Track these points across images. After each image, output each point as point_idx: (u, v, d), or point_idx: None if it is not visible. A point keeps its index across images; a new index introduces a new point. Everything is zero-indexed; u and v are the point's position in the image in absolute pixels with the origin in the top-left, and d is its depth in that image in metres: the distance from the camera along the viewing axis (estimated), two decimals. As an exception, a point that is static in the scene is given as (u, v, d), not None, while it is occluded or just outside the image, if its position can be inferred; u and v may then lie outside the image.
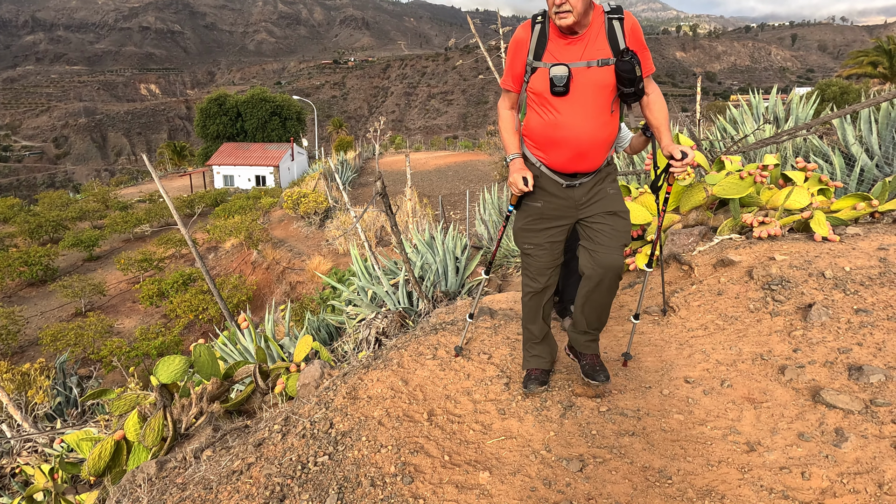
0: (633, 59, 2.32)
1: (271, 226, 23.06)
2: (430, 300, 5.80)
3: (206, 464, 2.56)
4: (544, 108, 2.44)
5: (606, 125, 2.43)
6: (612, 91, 2.39)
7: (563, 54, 2.38)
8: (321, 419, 2.50)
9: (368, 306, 6.16)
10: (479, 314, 3.99)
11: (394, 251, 12.39)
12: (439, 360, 2.99)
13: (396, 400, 2.57)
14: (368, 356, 3.41)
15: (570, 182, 2.51)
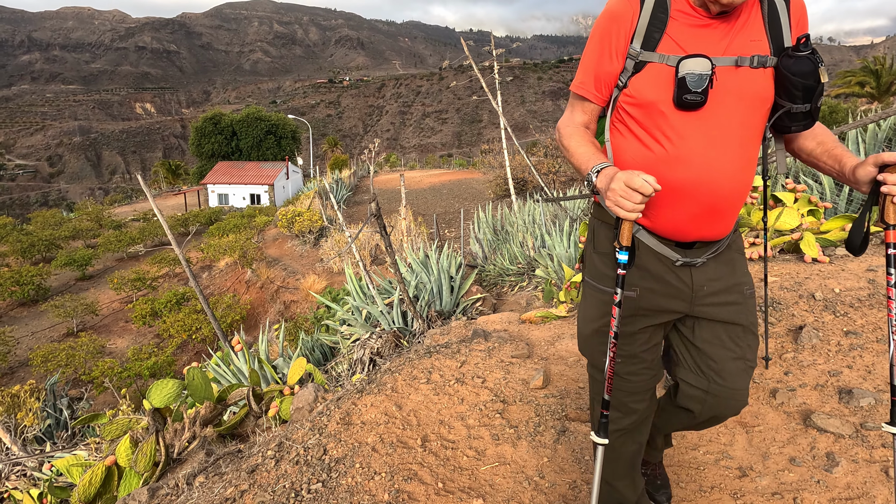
0: (814, 55, 1.45)
1: (265, 244, 23.05)
2: (425, 320, 5.80)
3: (198, 490, 2.54)
4: (654, 133, 1.51)
5: (752, 163, 1.55)
6: (768, 108, 1.53)
7: (696, 43, 1.48)
8: (314, 445, 2.50)
9: (363, 326, 6.16)
10: (472, 336, 4.00)
11: (388, 270, 12.40)
12: (433, 385, 3.00)
13: (390, 426, 2.57)
14: (362, 380, 3.41)
15: (688, 258, 1.58)
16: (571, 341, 3.84)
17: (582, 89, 1.61)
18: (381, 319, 6.00)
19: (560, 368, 3.22)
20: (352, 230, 16.67)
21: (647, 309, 1.62)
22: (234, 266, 21.01)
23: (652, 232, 1.58)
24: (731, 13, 1.48)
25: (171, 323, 15.12)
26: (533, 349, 3.69)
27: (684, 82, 1.43)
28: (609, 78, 1.57)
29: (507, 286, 8.66)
